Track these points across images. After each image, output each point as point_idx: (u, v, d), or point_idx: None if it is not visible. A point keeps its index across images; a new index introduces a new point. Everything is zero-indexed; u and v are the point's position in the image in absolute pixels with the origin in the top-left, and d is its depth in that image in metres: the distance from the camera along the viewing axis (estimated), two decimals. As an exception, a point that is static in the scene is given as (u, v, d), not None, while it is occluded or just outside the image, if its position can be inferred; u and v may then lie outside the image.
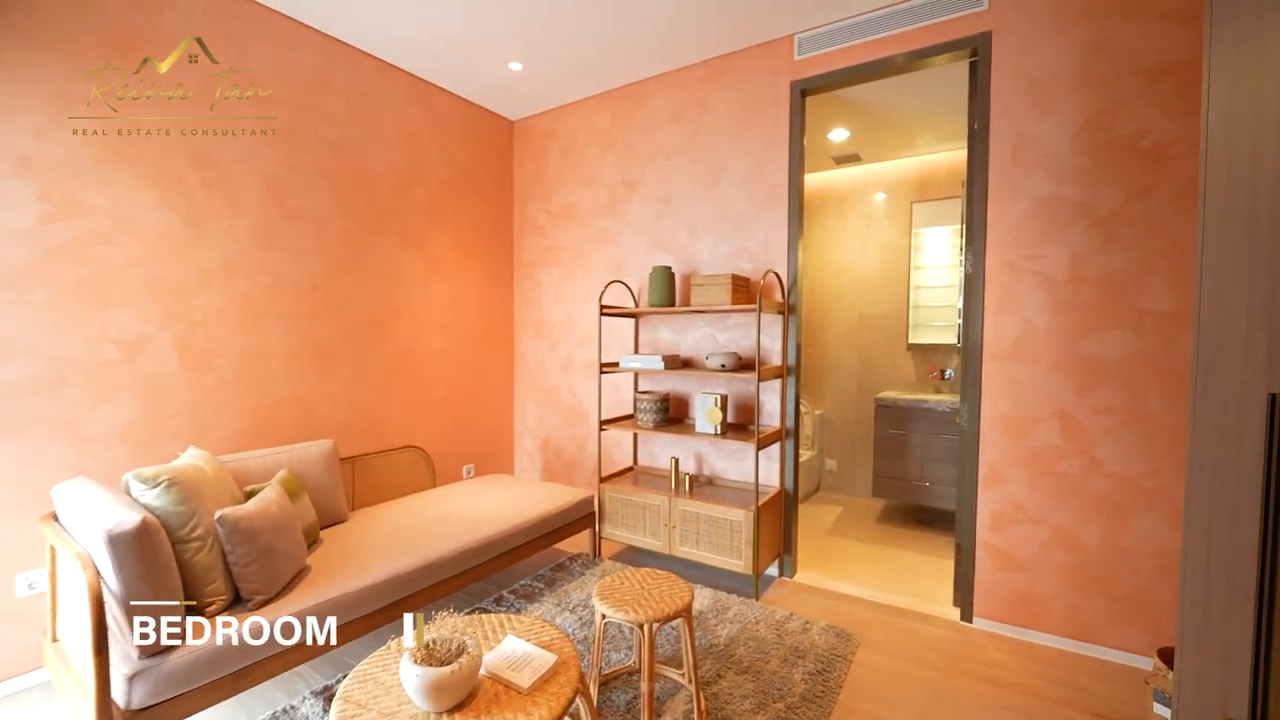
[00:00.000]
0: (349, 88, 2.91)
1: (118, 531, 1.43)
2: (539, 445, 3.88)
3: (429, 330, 3.37)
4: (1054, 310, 2.26)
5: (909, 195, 4.10)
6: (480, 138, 3.66)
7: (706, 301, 2.77)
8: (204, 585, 1.70)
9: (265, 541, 1.79)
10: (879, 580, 2.89)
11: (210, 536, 1.74)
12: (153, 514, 1.66)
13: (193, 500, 1.74)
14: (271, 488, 2.00)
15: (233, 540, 1.72)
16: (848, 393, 4.39)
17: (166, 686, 1.48)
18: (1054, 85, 2.24)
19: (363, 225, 3.00)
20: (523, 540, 2.58)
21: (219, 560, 1.75)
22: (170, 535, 1.68)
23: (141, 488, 1.67)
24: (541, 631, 1.53)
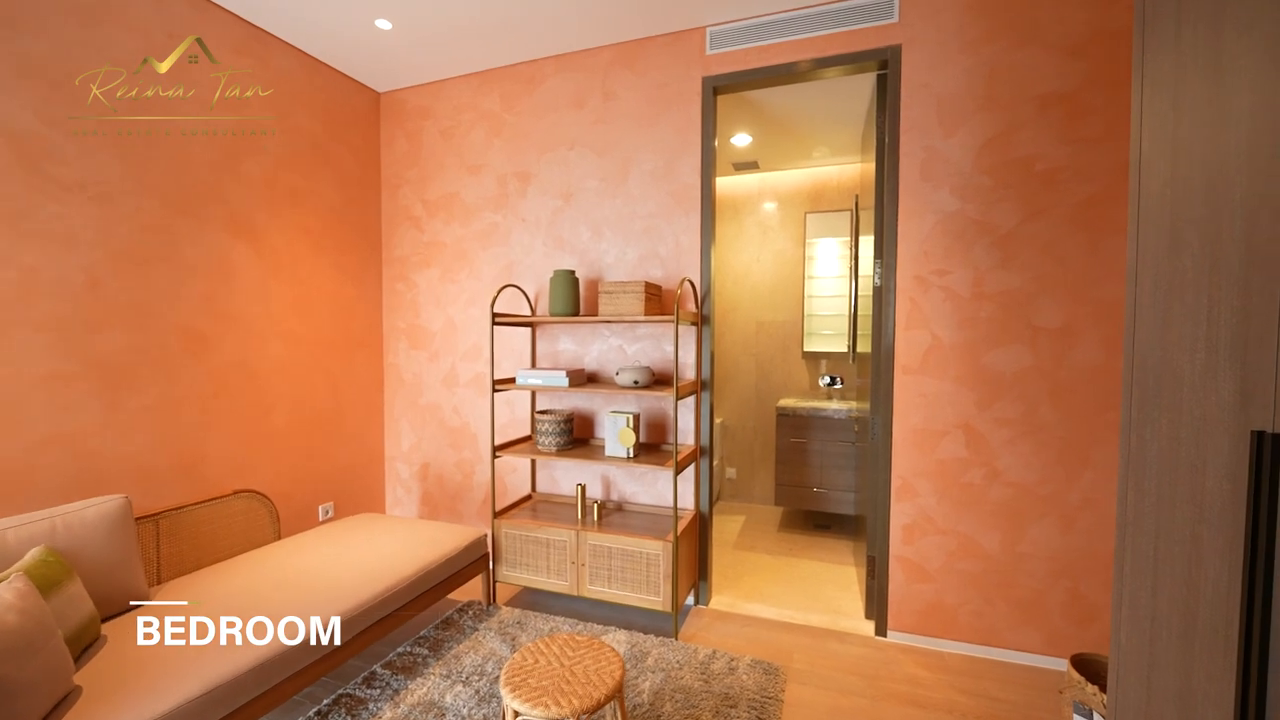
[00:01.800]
0: (151, 26, 2.20)
1: None
2: (416, 474, 3.34)
3: (268, 340, 2.70)
4: (959, 325, 2.31)
5: (803, 206, 4.16)
6: (337, 108, 3.03)
7: (617, 311, 2.49)
8: None
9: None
10: (791, 596, 2.82)
11: (-121, 683, 1.11)
12: None
13: None
14: (6, 585, 1.36)
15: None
16: (746, 400, 4.37)
17: None
18: (959, 103, 2.28)
19: (171, 205, 2.29)
20: (396, 606, 2.10)
21: (-102, 718, 1.12)
22: None
23: None
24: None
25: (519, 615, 2.55)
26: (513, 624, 2.47)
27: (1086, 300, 2.15)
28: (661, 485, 2.78)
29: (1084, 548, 2.18)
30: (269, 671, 1.63)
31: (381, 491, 3.40)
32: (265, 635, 1.68)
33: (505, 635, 2.38)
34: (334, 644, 1.82)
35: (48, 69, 1.93)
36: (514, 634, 2.39)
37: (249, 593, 1.92)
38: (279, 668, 1.66)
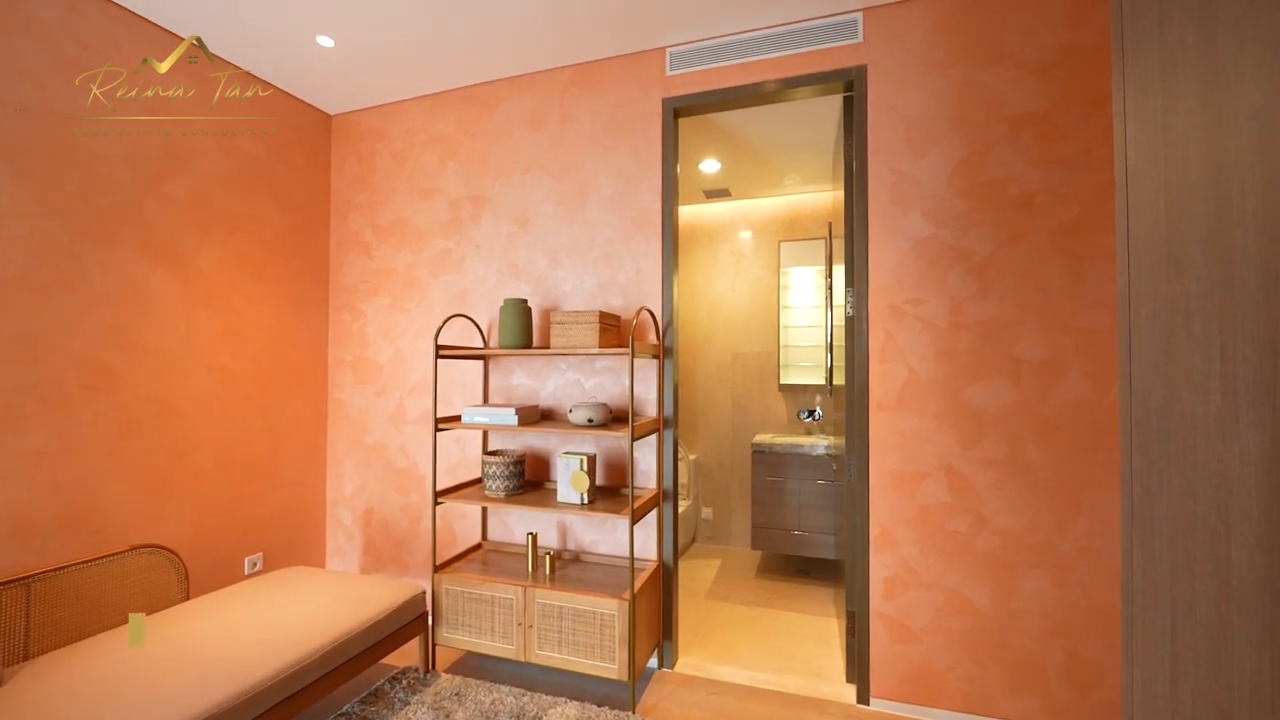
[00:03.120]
0: (57, 34, 2.03)
1: None
2: (359, 520, 3.06)
3: (191, 374, 2.46)
4: (937, 358, 2.14)
5: (777, 234, 4.05)
6: (281, 128, 2.87)
7: (570, 343, 2.30)
8: None
9: None
10: (767, 656, 2.56)
11: None
12: None
13: None
14: None
15: None
16: (721, 435, 4.16)
17: None
18: (929, 125, 2.17)
19: (76, 229, 2.08)
20: (312, 678, 1.82)
21: None
22: None
23: None
24: None
25: (459, 684, 2.27)
26: (450, 696, 2.19)
27: (1070, 330, 2.00)
28: (622, 533, 2.54)
29: (1080, 603, 1.97)
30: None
31: (322, 540, 3.11)
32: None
33: (439, 711, 2.09)
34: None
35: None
36: (450, 709, 2.11)
37: (129, 670, 1.64)
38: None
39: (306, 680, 1.80)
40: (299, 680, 1.78)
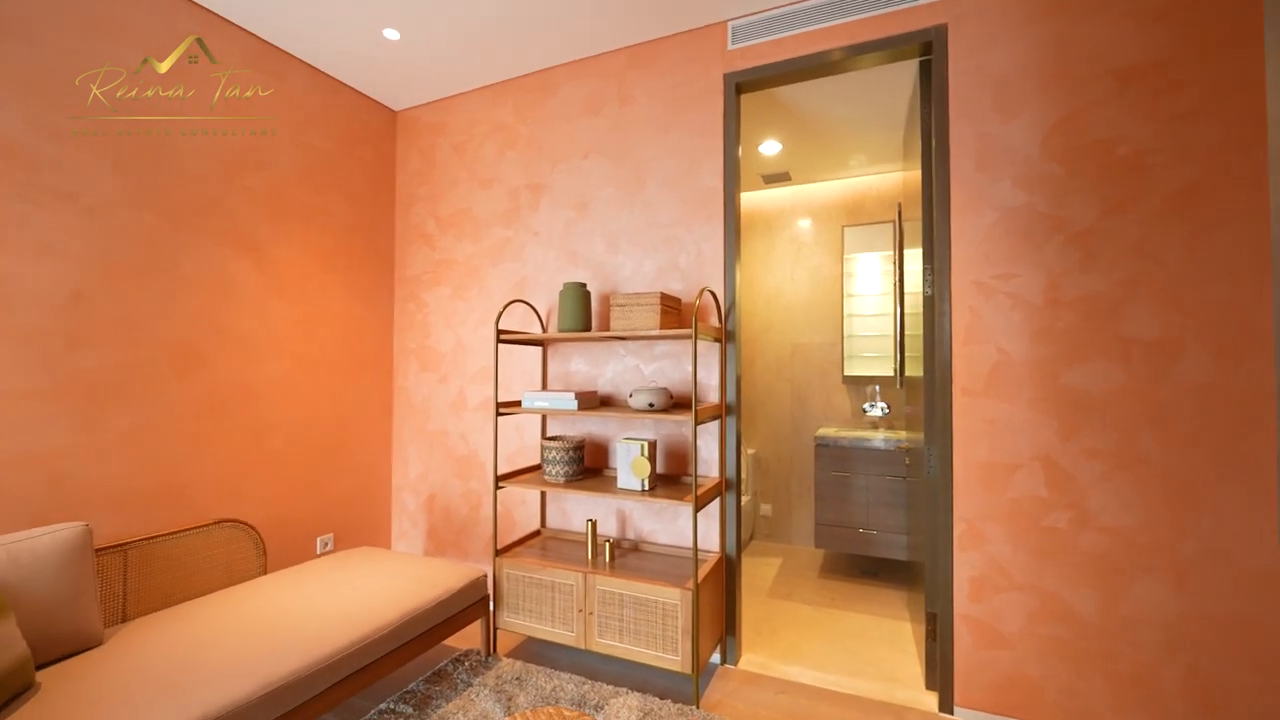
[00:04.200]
0: (155, 38, 2.17)
1: None
2: (423, 505, 3.12)
3: (270, 359, 2.57)
4: (1032, 338, 1.95)
5: (840, 219, 3.87)
6: (350, 125, 2.97)
7: (630, 325, 2.25)
8: None
9: None
10: (835, 657, 2.42)
11: None
12: None
13: None
14: (-96, 626, 1.18)
15: None
16: (781, 429, 4.02)
17: None
18: (1019, 84, 1.99)
19: (169, 218, 2.21)
20: (380, 653, 1.85)
21: None
22: None
23: None
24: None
25: (520, 669, 2.26)
26: (511, 680, 2.18)
27: (1189, 305, 1.77)
28: (683, 522, 2.47)
29: (1206, 613, 1.74)
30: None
31: (387, 523, 3.20)
32: (220, 690, 1.45)
33: (501, 694, 2.08)
34: (304, 700, 1.58)
35: (43, 73, 1.88)
36: (511, 693, 2.09)
37: (217, 635, 1.71)
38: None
39: (375, 655, 1.83)
40: (368, 654, 1.80)
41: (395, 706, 2.01)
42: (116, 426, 2.05)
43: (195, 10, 2.29)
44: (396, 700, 2.04)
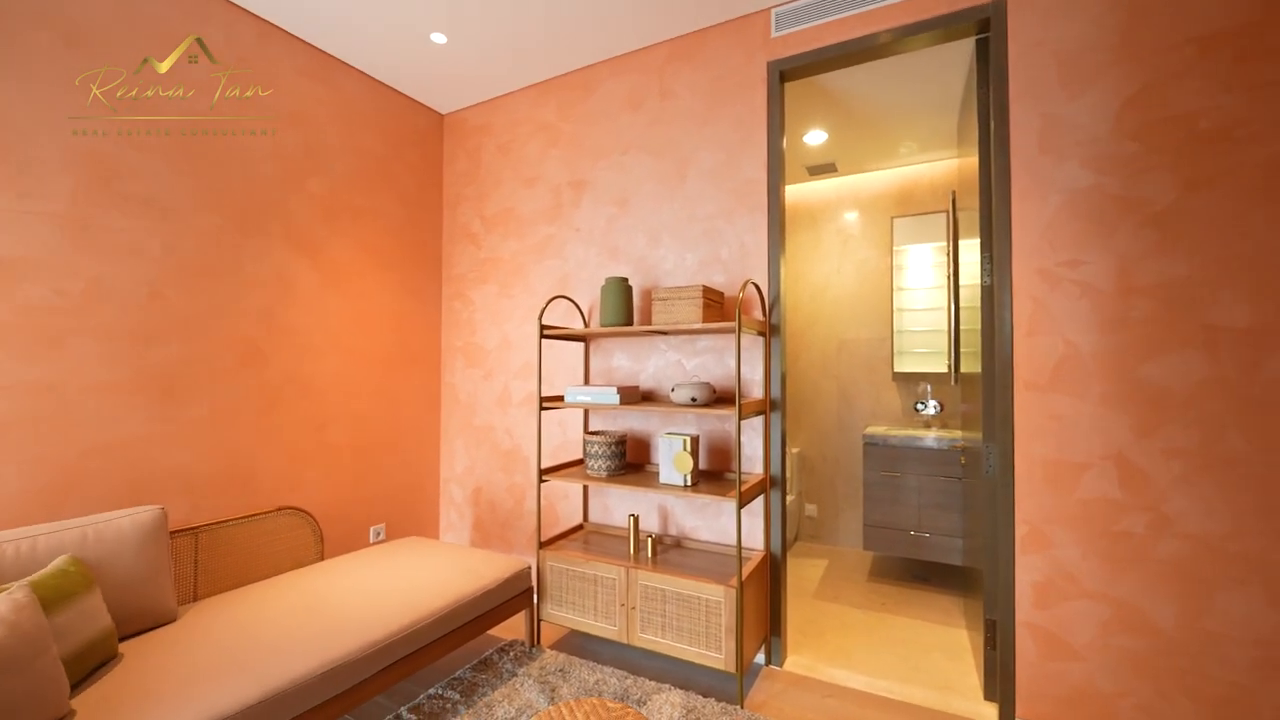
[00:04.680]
0: (222, 51, 2.29)
1: None
2: (469, 498, 3.19)
3: (325, 355, 2.69)
4: (1102, 328, 1.83)
5: (889, 210, 3.74)
6: (400, 128, 3.07)
7: (672, 319, 2.23)
8: None
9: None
10: (886, 663, 2.33)
11: None
12: None
13: None
14: (6, 595, 1.29)
15: (-116, 703, 1.01)
16: (827, 428, 3.91)
17: None
18: (1088, 58, 1.86)
19: (234, 221, 2.34)
20: (429, 639, 1.90)
21: None
22: None
23: None
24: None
25: (563, 661, 2.27)
26: (555, 671, 2.19)
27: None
28: (726, 519, 2.43)
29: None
30: (278, 706, 1.46)
31: (436, 515, 3.29)
32: (283, 667, 1.52)
33: (545, 685, 2.10)
34: (358, 682, 1.64)
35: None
36: (555, 684, 2.11)
37: (279, 615, 1.79)
38: (291, 702, 1.49)
39: (424, 641, 1.88)
40: (418, 640, 1.85)
41: (443, 692, 2.06)
42: (188, 417, 2.18)
43: (251, 19, 2.41)
44: (444, 686, 2.09)
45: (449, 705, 1.98)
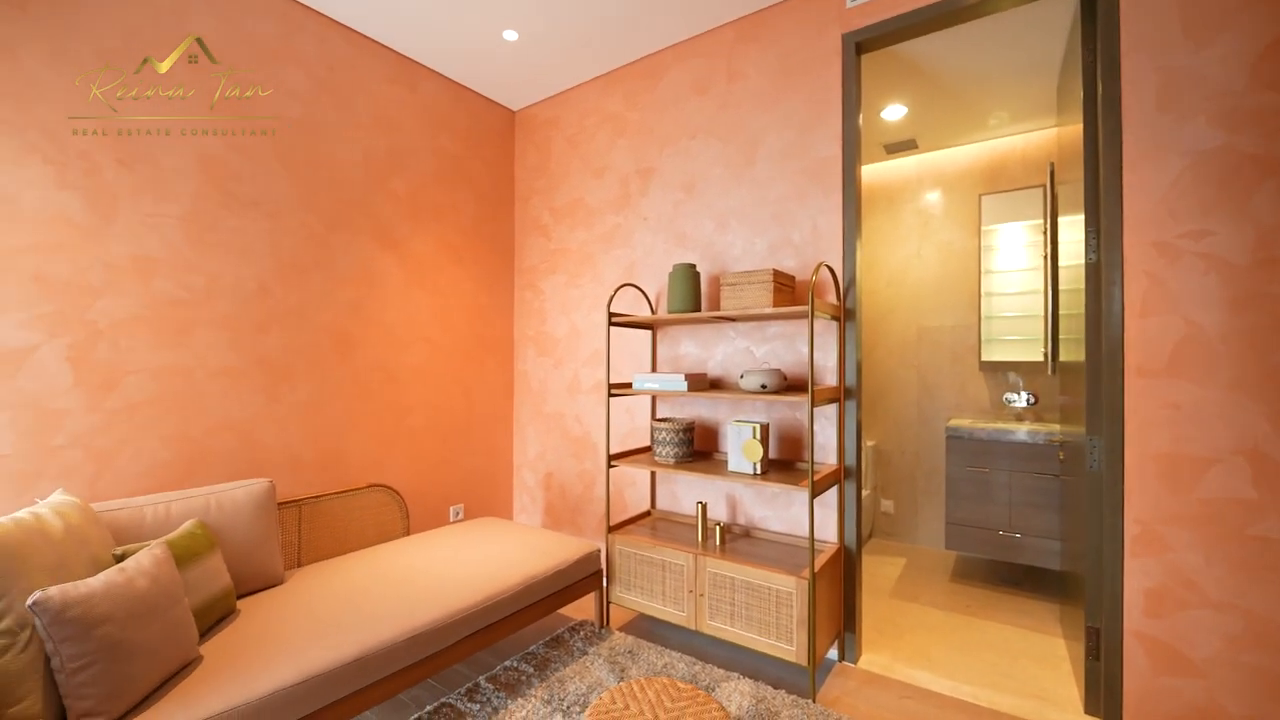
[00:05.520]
0: (314, 61, 2.48)
1: None
2: (540, 482, 3.30)
3: (409, 345, 2.85)
4: (1233, 306, 1.62)
5: (976, 187, 3.48)
6: (475, 127, 3.20)
7: (741, 304, 2.19)
8: (6, 706, 1.16)
9: (111, 635, 1.24)
10: (972, 668, 2.20)
11: (27, 630, 1.20)
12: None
13: (6, 575, 1.21)
14: (148, 551, 1.46)
15: (57, 635, 1.18)
16: (905, 420, 3.72)
17: None
18: (1216, 1, 1.64)
19: (328, 220, 2.52)
20: (505, 613, 1.98)
21: (39, 665, 1.20)
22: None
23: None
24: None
25: (632, 644, 2.31)
26: (624, 653, 2.23)
27: None
28: (797, 510, 2.37)
29: None
30: (372, 665, 1.58)
31: (509, 497, 3.43)
32: (375, 630, 1.64)
33: (614, 665, 2.14)
34: (441, 649, 1.75)
35: (233, 101, 2.23)
36: (624, 665, 2.15)
37: (370, 584, 1.94)
38: (382, 663, 1.60)
39: (500, 615, 1.96)
40: (494, 613, 1.94)
41: (518, 665, 2.14)
42: (290, 400, 2.39)
43: (341, 30, 2.58)
44: (518, 659, 2.18)
45: (523, 677, 2.07)
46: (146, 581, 1.37)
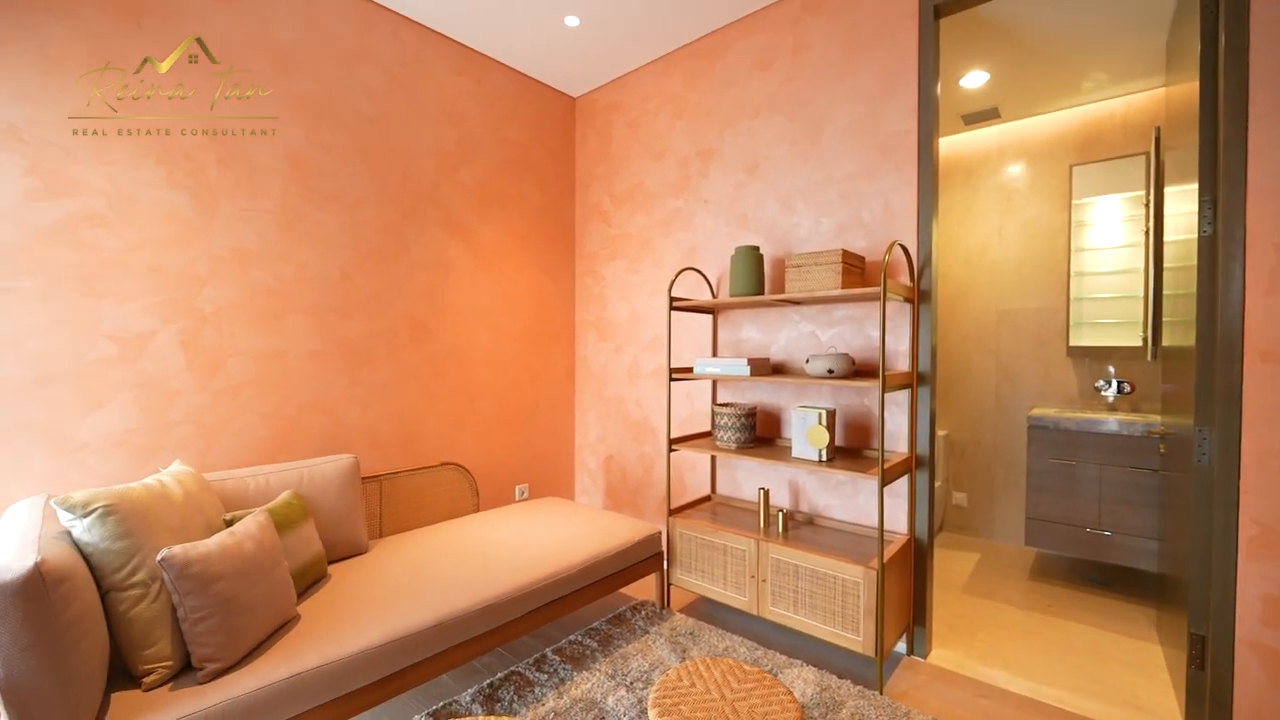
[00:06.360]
0: (389, 58, 2.58)
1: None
2: (601, 465, 3.36)
3: (477, 330, 2.96)
4: (1386, 282, 1.42)
5: (1066, 158, 3.21)
6: (538, 115, 3.25)
7: (807, 287, 2.13)
8: (142, 648, 1.31)
9: (225, 590, 1.37)
10: (1054, 670, 2.08)
11: (156, 582, 1.35)
12: (82, 552, 1.29)
13: (138, 533, 1.36)
14: (253, 517, 1.61)
15: (181, 588, 1.32)
16: (981, 408, 3.52)
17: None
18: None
19: (402, 211, 2.64)
20: (569, 589, 2.05)
21: (166, 614, 1.35)
22: (102, 581, 1.30)
23: (69, 517, 1.31)
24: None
25: (693, 626, 2.33)
26: (685, 634, 2.26)
27: None
28: (863, 499, 2.30)
29: None
30: (448, 632, 1.67)
31: (571, 479, 3.51)
32: (451, 599, 1.74)
33: (676, 645, 2.17)
34: (509, 620, 1.83)
35: (316, 101, 2.36)
36: (685, 646, 2.17)
37: (445, 556, 2.05)
38: (458, 630, 1.70)
39: (566, 590, 2.03)
40: (560, 589, 2.01)
41: (582, 640, 2.21)
42: (370, 381, 2.53)
43: (412, 26, 2.67)
44: (582, 634, 2.25)
45: (588, 652, 2.13)
46: (253, 545, 1.51)
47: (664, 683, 1.30)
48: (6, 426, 1.72)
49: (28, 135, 1.74)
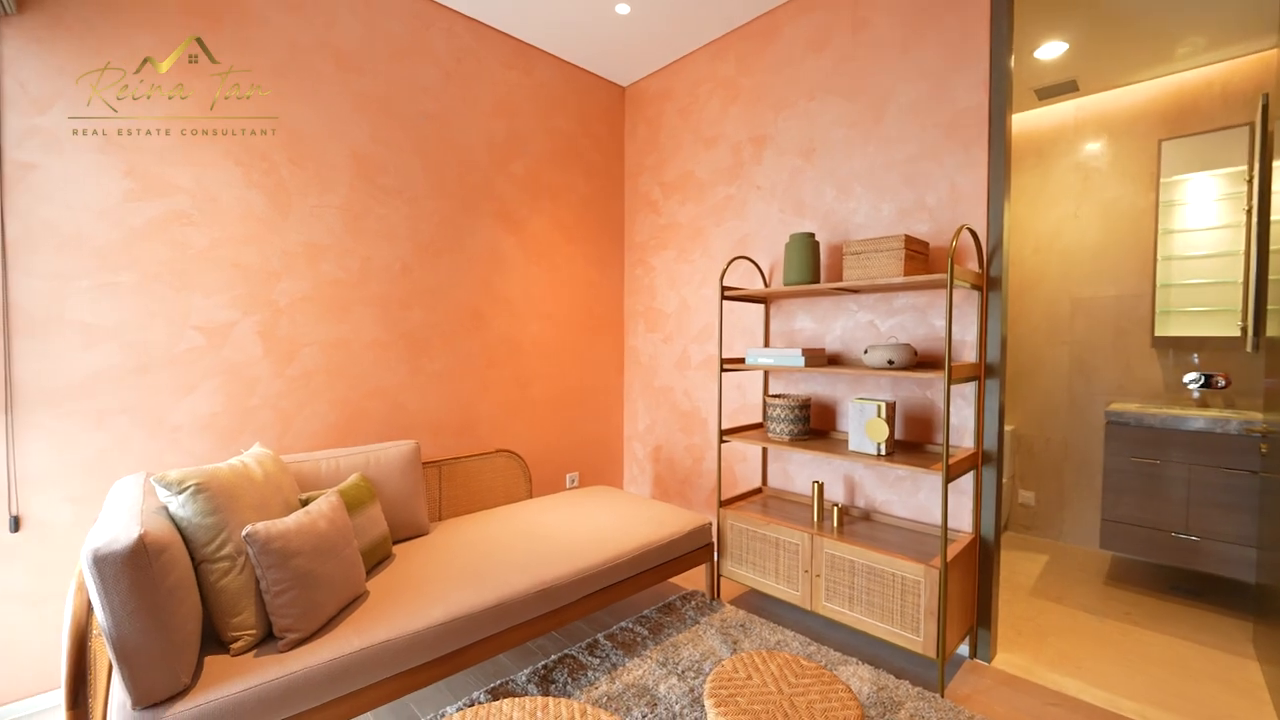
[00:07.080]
0: (444, 54, 2.64)
1: (105, 552, 1.15)
2: (650, 455, 3.37)
3: (529, 320, 3.01)
4: None
5: (1154, 132, 2.96)
6: (586, 106, 3.26)
7: (866, 275, 2.05)
8: (230, 616, 1.41)
9: (302, 566, 1.46)
10: (1133, 682, 1.95)
11: (242, 556, 1.45)
12: (177, 526, 1.39)
13: (225, 510, 1.46)
14: (325, 498, 1.70)
15: (264, 562, 1.41)
16: (1053, 402, 3.32)
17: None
18: None
19: (457, 204, 2.71)
20: (621, 576, 2.07)
21: (251, 586, 1.45)
22: (195, 553, 1.40)
23: (165, 493, 1.41)
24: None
25: (744, 618, 2.31)
26: (736, 626, 2.25)
27: None
28: (924, 495, 2.22)
29: None
30: (507, 612, 1.72)
31: (620, 468, 3.55)
32: (510, 581, 1.79)
33: (727, 636, 2.16)
34: (564, 604, 1.87)
35: (378, 99, 2.44)
36: (736, 637, 2.16)
37: (502, 540, 2.11)
38: (515, 611, 1.75)
39: (618, 577, 2.05)
40: (613, 575, 2.03)
41: (633, 627, 2.23)
42: (431, 370, 2.63)
43: (466, 21, 2.72)
44: (633, 621, 2.27)
45: (639, 639, 2.15)
46: (326, 524, 1.59)
47: (719, 673, 1.30)
48: (111, 410, 1.87)
49: (126, 141, 1.88)
